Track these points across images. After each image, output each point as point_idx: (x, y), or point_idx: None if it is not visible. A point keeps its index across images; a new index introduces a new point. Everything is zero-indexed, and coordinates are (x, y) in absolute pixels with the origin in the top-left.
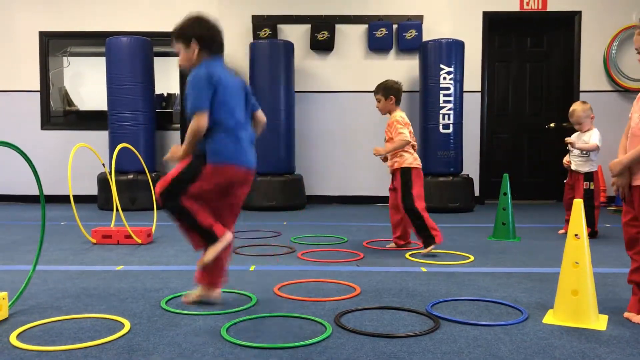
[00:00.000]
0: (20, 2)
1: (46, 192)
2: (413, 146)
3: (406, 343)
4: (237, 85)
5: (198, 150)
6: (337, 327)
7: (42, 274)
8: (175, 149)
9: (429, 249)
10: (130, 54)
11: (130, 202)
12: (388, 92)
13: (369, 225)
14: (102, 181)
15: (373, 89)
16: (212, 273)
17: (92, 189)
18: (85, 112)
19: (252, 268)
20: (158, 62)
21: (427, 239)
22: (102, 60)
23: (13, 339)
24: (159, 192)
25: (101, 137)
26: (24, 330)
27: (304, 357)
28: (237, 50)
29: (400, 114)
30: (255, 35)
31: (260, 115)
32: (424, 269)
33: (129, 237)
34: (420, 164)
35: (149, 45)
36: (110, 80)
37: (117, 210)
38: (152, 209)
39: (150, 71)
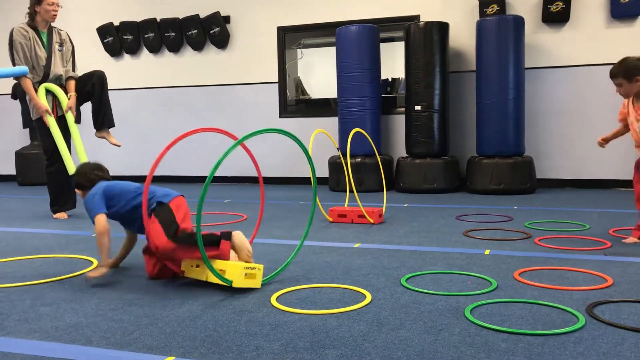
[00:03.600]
0: (261, 0)
1: (284, 174)
2: None
3: None
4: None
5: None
6: (590, 319)
7: (289, 247)
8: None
9: None
10: (358, 42)
11: (358, 183)
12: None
13: (612, 212)
14: (333, 164)
15: (616, 60)
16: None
17: (322, 172)
18: (316, 99)
19: (487, 252)
20: (383, 47)
21: None
22: (331, 50)
23: (273, 300)
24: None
25: (330, 123)
26: (282, 295)
27: (556, 347)
28: (462, 29)
29: None
30: (482, 13)
31: None
32: None
33: (362, 216)
34: None
35: (376, 32)
36: (340, 68)
37: (350, 191)
38: (378, 191)
39: (376, 57)
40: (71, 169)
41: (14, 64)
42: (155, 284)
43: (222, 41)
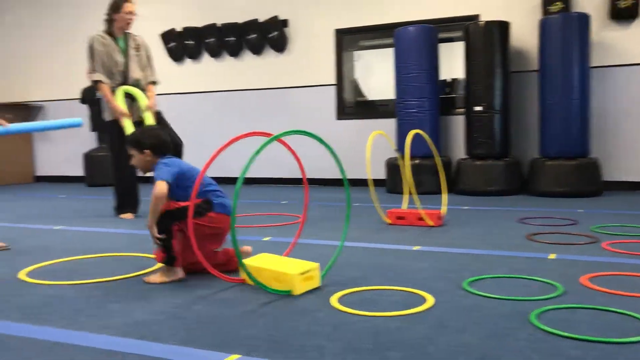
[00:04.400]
0: (319, 3)
1: (339, 175)
2: None
3: None
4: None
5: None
6: None
7: (347, 249)
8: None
9: None
10: (416, 43)
11: (417, 185)
12: None
13: None
14: (391, 165)
15: None
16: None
17: (379, 174)
18: (374, 101)
19: (551, 256)
20: (442, 48)
21: None
22: (388, 52)
23: (334, 301)
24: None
25: (388, 124)
26: (342, 296)
27: (632, 357)
28: (524, 28)
29: None
30: (546, 11)
31: None
32: None
33: (421, 219)
34: None
35: (435, 32)
36: (398, 69)
37: (409, 193)
38: (437, 193)
39: (435, 58)
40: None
41: (92, 71)
42: (217, 284)
43: (280, 44)
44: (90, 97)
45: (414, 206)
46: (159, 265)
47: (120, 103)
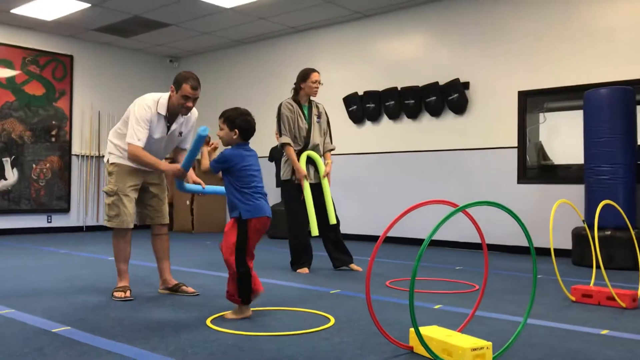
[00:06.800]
0: (503, 64)
1: (522, 243)
2: None
3: None
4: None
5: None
6: None
7: (524, 327)
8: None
9: None
10: (610, 106)
11: (607, 259)
12: None
13: None
14: (578, 236)
15: None
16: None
17: (564, 243)
18: (560, 165)
19: None
20: None
21: None
22: (577, 114)
23: None
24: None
25: (575, 190)
26: None
27: None
28: None
29: None
30: None
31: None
32: None
33: (612, 299)
34: None
35: (631, 94)
36: (588, 133)
37: (597, 267)
38: (632, 269)
39: (631, 122)
40: (315, 231)
41: (280, 134)
42: (388, 348)
43: (460, 106)
44: (277, 156)
45: (603, 283)
46: (330, 324)
47: (302, 166)
